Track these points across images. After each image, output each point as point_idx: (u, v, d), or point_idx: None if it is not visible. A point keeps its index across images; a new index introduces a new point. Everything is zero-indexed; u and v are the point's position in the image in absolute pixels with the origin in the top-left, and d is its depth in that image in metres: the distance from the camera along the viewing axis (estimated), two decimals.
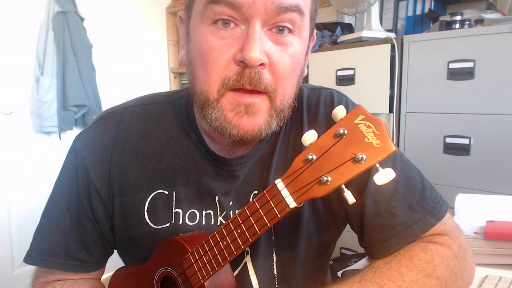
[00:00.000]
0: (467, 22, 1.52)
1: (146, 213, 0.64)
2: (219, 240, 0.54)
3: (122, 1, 2.50)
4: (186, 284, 0.57)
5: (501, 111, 1.39)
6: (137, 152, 0.64)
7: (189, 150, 0.65)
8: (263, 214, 0.50)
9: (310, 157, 0.47)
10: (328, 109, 0.66)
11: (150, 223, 0.64)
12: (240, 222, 0.52)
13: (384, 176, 0.45)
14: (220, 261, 0.53)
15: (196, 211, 0.64)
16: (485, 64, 1.40)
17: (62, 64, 2.13)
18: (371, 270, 0.55)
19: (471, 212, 0.90)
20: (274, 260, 0.65)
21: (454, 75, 1.47)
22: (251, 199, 0.57)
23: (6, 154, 2.07)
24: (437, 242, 0.58)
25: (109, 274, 0.74)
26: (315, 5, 0.59)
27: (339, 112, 0.48)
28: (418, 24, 1.86)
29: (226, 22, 0.52)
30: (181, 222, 0.63)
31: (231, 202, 0.64)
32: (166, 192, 0.64)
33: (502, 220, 0.82)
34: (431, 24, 1.81)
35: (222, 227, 0.54)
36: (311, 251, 0.67)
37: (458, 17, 1.55)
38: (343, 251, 1.76)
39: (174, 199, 0.64)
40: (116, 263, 0.73)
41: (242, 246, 0.52)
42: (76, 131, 2.18)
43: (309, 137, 0.49)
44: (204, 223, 0.64)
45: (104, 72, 2.36)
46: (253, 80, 0.52)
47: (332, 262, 0.97)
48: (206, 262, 0.55)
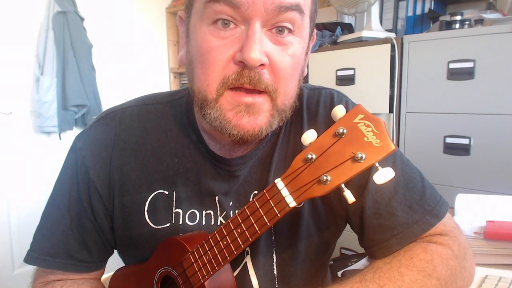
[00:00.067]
0: (467, 22, 1.52)
1: (146, 213, 0.64)
2: (219, 239, 0.54)
3: (122, 1, 2.50)
4: (186, 284, 0.57)
5: (501, 111, 1.39)
6: (137, 152, 0.64)
7: (189, 150, 0.65)
8: (263, 214, 0.50)
9: (309, 156, 0.47)
10: (328, 109, 0.66)
11: (150, 223, 0.64)
12: (240, 221, 0.52)
13: (383, 175, 0.45)
14: (220, 260, 0.53)
15: (196, 211, 0.64)
16: (485, 64, 1.40)
17: (62, 64, 2.13)
18: (371, 270, 0.55)
19: (471, 212, 0.90)
20: (274, 260, 0.65)
21: (454, 75, 1.47)
22: (251, 199, 0.57)
23: (6, 154, 2.07)
24: (437, 242, 0.58)
25: (109, 274, 0.74)
26: (315, 5, 0.59)
27: (339, 111, 0.48)
28: (418, 24, 1.86)
29: (226, 22, 0.52)
30: (181, 222, 0.63)
31: (231, 202, 0.64)
32: (166, 192, 0.64)
33: (502, 220, 0.82)
34: (431, 24, 1.81)
35: (222, 226, 0.54)
36: (311, 251, 0.67)
37: (458, 17, 1.55)
38: (343, 251, 1.76)
39: (174, 199, 0.64)
40: (116, 263, 0.73)
41: (242, 246, 0.52)
42: (76, 131, 2.19)
43: (309, 136, 0.49)
44: (204, 223, 0.64)
45: (104, 72, 2.36)
46: (253, 79, 0.52)
47: (332, 262, 0.97)
48: (206, 261, 0.55)
